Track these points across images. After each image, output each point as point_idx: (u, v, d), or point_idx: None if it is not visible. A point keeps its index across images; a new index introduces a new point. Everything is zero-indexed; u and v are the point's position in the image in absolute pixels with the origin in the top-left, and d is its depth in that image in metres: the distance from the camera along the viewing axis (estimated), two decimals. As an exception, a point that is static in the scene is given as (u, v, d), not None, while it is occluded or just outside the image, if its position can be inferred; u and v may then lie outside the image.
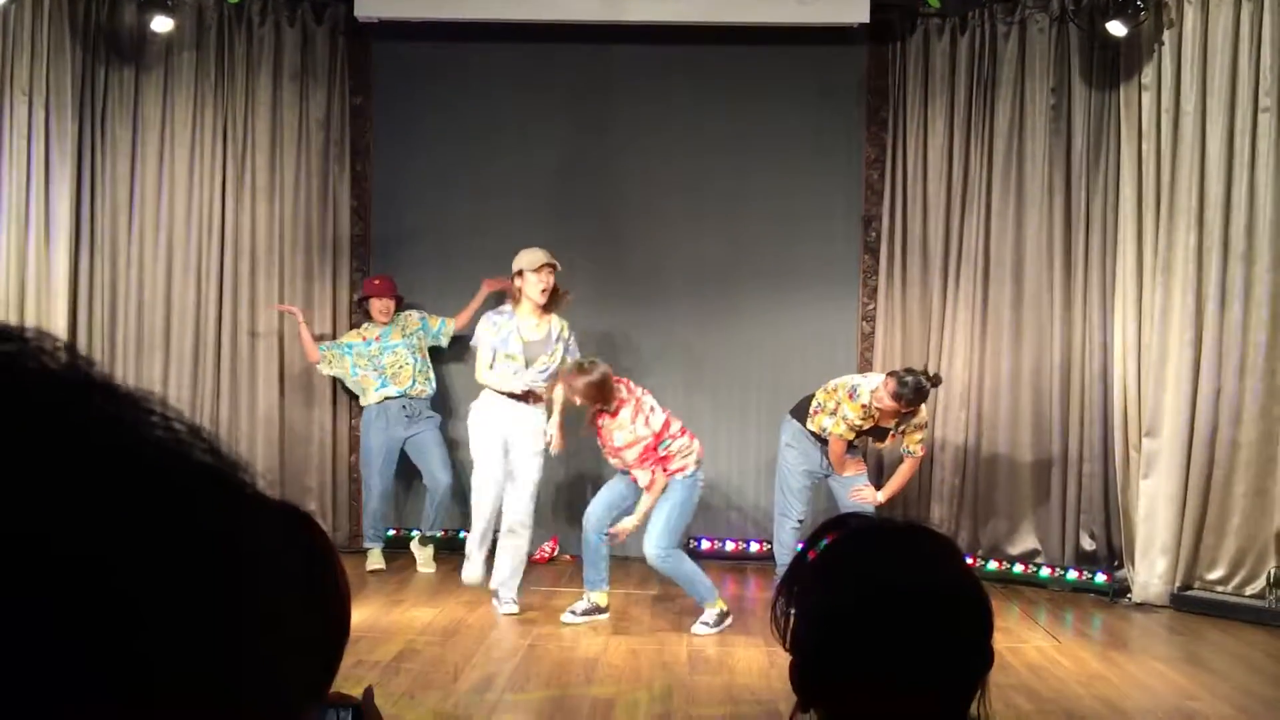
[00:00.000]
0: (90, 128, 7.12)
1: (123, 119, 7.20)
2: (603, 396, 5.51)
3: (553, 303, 5.89)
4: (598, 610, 5.79)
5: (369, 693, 1.23)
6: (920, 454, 6.20)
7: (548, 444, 5.92)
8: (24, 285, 6.89)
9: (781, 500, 6.20)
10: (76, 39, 6.98)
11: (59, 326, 6.87)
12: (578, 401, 5.58)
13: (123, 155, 7.21)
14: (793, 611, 1.22)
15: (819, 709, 1.21)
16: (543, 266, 5.80)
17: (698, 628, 5.62)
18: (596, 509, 5.77)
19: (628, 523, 5.67)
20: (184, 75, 7.23)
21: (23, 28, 6.83)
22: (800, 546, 1.28)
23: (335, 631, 1.30)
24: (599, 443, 5.71)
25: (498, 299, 6.62)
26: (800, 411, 6.17)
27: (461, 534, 6.75)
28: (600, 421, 5.60)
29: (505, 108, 7.37)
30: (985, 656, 1.20)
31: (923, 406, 6.06)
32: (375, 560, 6.88)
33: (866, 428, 5.99)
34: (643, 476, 5.58)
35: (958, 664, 1.19)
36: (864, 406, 5.89)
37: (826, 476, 6.18)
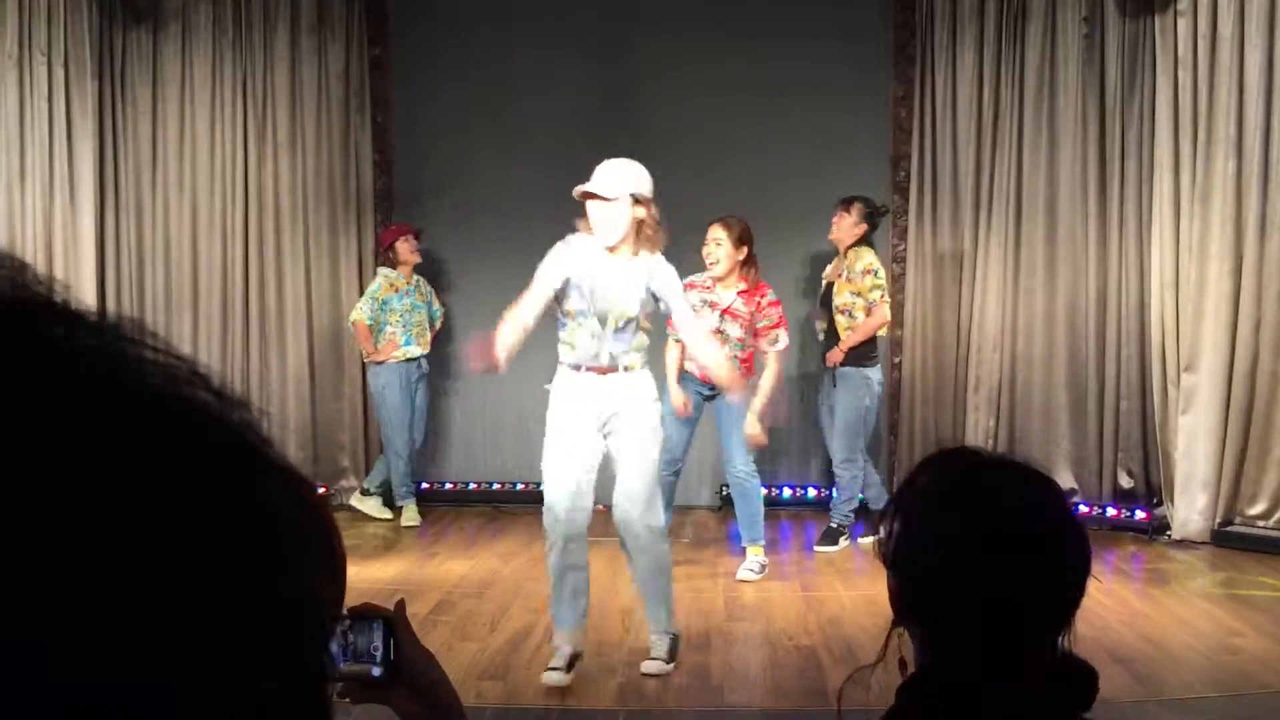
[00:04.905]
0: (110, 87, 7.08)
1: (142, 77, 7.15)
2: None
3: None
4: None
5: (400, 604, 1.20)
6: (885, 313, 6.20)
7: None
8: (51, 246, 6.90)
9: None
10: (92, -3, 6.91)
11: (87, 287, 6.87)
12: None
13: (144, 114, 7.17)
14: (895, 533, 1.27)
15: (913, 629, 1.27)
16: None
17: (744, 573, 5.56)
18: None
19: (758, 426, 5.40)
20: (201, 31, 7.16)
21: (38, -13, 6.78)
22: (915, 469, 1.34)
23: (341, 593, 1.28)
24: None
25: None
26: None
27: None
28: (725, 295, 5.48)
29: (525, 55, 7.26)
30: (1079, 591, 1.26)
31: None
32: (410, 516, 6.89)
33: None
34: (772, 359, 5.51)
35: (1053, 598, 1.24)
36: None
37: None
